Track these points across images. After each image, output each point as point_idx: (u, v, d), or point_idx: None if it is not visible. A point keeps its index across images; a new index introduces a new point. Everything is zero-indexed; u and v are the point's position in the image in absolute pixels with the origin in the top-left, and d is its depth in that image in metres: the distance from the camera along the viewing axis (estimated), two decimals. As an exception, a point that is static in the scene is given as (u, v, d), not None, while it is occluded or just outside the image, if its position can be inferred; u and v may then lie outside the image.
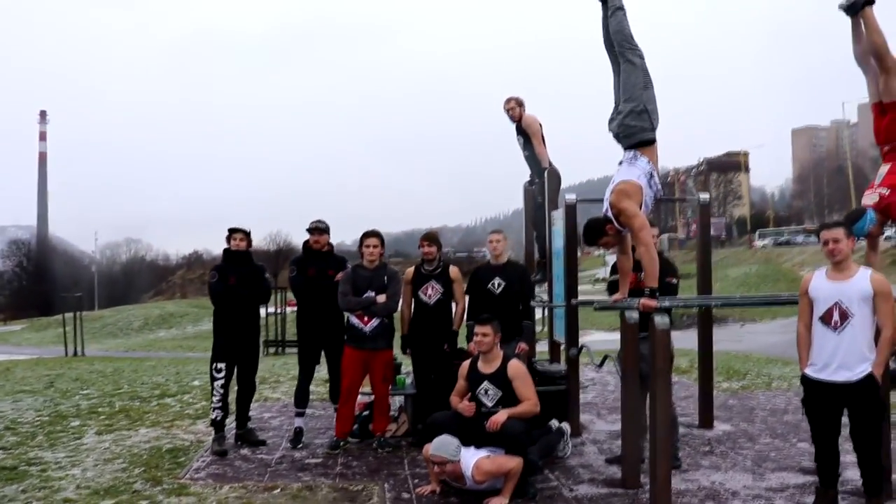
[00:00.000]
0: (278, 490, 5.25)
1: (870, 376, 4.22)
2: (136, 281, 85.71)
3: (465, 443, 5.15)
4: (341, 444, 6.34)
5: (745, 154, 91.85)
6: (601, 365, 6.10)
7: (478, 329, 5.37)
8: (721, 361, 11.99)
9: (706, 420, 6.92)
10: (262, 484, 5.40)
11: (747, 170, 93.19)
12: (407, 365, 7.13)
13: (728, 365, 11.50)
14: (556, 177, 7.45)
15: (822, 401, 4.39)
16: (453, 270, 6.59)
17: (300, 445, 6.47)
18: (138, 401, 9.05)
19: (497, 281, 6.37)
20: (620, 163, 5.03)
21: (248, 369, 6.58)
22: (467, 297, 6.59)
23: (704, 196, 6.98)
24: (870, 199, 5.12)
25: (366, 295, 6.25)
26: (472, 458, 4.98)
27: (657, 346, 4.64)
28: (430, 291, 6.49)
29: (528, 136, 7.78)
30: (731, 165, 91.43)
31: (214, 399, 6.38)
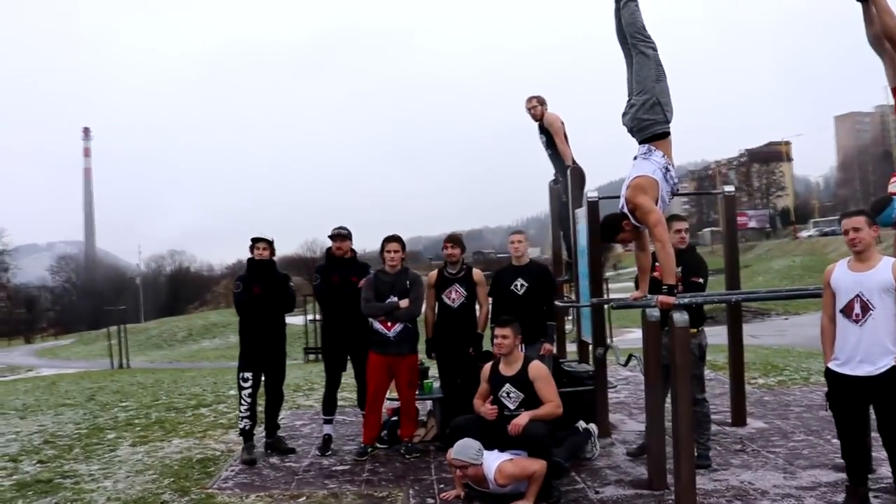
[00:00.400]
0: (304, 498, 5.28)
1: (893, 370, 4.09)
2: (181, 292, 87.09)
3: (489, 446, 5.13)
4: (369, 450, 6.36)
5: (787, 144, 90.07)
6: (626, 364, 6.01)
7: (497, 331, 5.34)
8: (761, 356, 11.79)
9: (738, 417, 6.79)
10: (288, 492, 5.43)
11: (790, 159, 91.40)
12: (434, 369, 7.12)
13: (767, 360, 11.25)
14: (579, 175, 7.37)
15: (845, 395, 4.27)
16: (476, 273, 6.56)
17: (329, 452, 6.50)
18: (174, 412, 9.19)
19: (520, 282, 6.33)
20: (635, 157, 4.96)
21: (275, 378, 6.64)
22: (491, 300, 6.56)
23: (729, 188, 6.85)
24: (895, 186, 4.98)
25: (388, 300, 6.26)
26: (494, 462, 4.95)
27: (676, 344, 4.56)
28: (453, 295, 6.47)
29: (550, 135, 7.75)
30: (772, 156, 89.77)
31: (242, 408, 6.45)
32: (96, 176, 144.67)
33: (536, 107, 7.75)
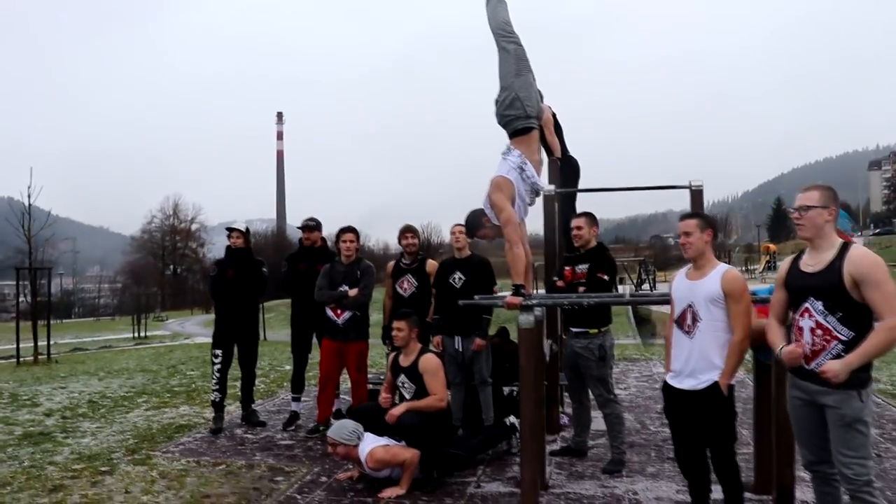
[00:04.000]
0: (222, 466, 5.76)
1: (714, 386, 3.86)
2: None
3: (383, 432, 5.36)
4: (321, 428, 6.75)
5: None
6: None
7: (394, 324, 5.53)
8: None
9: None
10: (215, 460, 5.94)
11: None
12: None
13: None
14: (556, 169, 7.27)
15: (676, 410, 4.09)
16: (430, 264, 6.75)
17: (292, 428, 6.96)
18: (214, 381, 10.03)
19: (458, 275, 6.41)
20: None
21: (247, 357, 7.19)
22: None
23: (698, 183, 6.47)
24: None
25: (340, 289, 6.59)
26: (368, 446, 5.17)
27: (521, 345, 4.54)
28: (405, 285, 6.69)
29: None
30: None
31: (213, 382, 7.06)
32: (289, 159, 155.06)
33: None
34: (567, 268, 5.77)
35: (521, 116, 4.73)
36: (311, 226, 7.10)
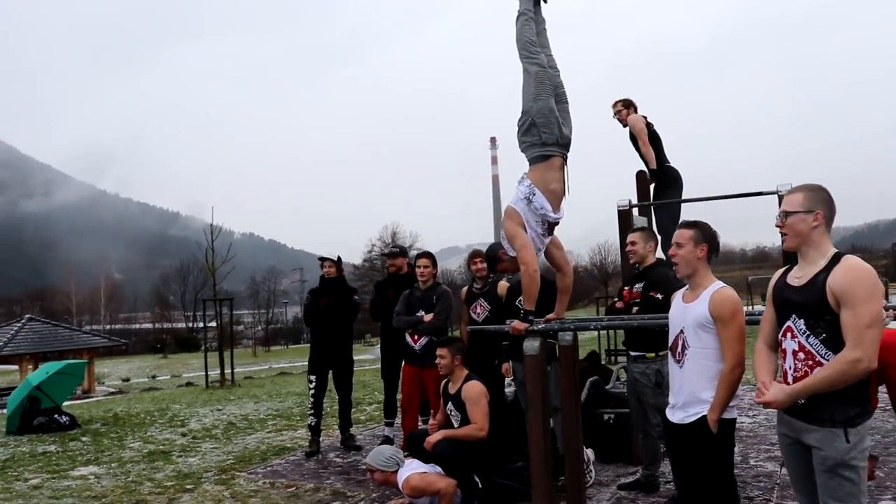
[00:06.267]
0: (292, 488, 5.97)
1: (701, 421, 3.40)
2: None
3: (429, 459, 5.29)
4: (403, 453, 6.77)
5: None
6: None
7: (437, 350, 5.46)
8: None
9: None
10: (289, 482, 6.16)
11: None
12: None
13: None
14: (643, 180, 6.86)
15: (672, 446, 3.66)
16: (500, 286, 6.59)
17: (382, 452, 7.05)
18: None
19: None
20: None
21: (342, 383, 7.40)
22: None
23: (784, 186, 5.71)
24: None
25: (417, 314, 6.62)
26: (406, 472, 5.11)
27: (528, 372, 4.30)
28: (478, 309, 6.59)
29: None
30: None
31: (308, 406, 7.34)
32: (504, 183, 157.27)
33: (621, 111, 7.33)
34: (626, 288, 5.41)
35: (537, 144, 4.49)
36: (396, 252, 7.22)
